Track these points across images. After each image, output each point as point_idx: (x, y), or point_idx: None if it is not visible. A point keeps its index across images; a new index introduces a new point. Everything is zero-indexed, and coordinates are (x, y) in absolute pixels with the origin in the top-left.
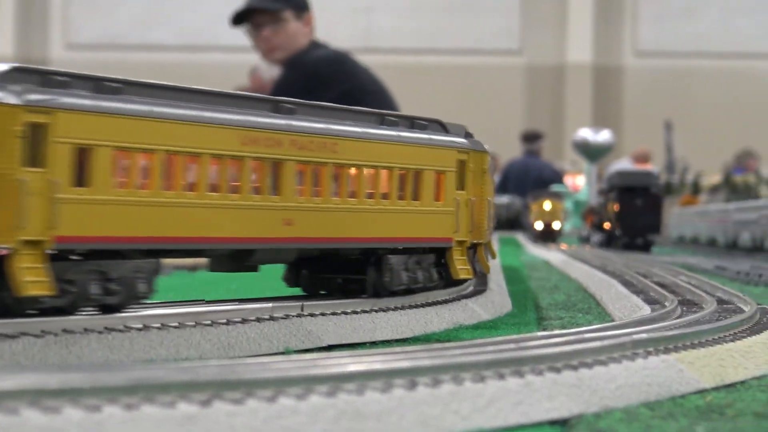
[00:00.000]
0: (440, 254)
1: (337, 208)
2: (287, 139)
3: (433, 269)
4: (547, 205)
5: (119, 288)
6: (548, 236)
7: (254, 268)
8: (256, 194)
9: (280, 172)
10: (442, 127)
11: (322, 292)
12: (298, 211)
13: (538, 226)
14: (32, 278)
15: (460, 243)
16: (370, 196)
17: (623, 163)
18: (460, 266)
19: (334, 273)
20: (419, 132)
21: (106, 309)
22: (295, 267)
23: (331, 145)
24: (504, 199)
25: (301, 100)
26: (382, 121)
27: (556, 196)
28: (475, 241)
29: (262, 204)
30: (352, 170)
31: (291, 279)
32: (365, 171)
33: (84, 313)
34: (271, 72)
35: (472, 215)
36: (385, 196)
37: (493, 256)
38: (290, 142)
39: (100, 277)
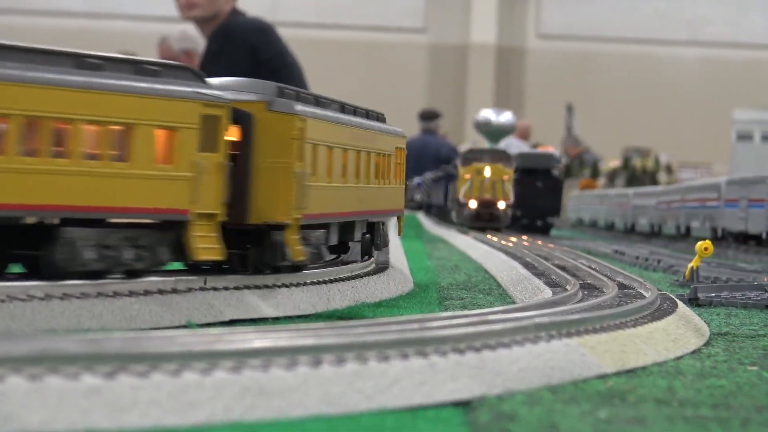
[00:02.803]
0: None
1: (373, 187)
2: (362, 133)
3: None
4: (488, 171)
5: (316, 251)
6: (489, 220)
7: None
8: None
9: (359, 160)
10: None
11: None
12: (364, 190)
13: (473, 204)
14: (297, 246)
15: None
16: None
17: (509, 140)
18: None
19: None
20: (379, 122)
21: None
22: None
23: (372, 137)
24: None
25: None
26: (368, 115)
27: (503, 158)
28: None
29: (356, 186)
30: (379, 157)
31: None
32: (381, 158)
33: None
34: (182, 43)
35: None
36: (381, 176)
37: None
38: (363, 136)
39: (306, 243)
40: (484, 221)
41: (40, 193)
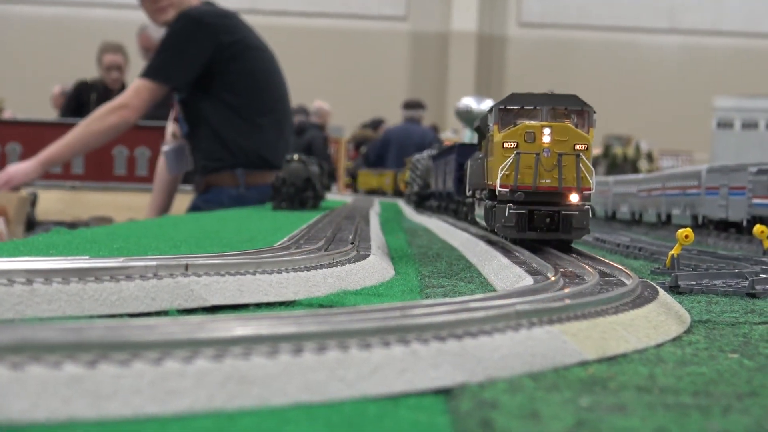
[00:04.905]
0: None
1: None
2: None
3: None
4: (547, 134)
5: None
6: (551, 228)
7: None
8: None
9: None
10: None
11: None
12: None
13: (520, 197)
14: None
15: None
16: None
17: None
18: None
19: None
20: None
21: None
22: None
23: None
24: None
25: None
26: None
27: (573, 111)
28: None
29: None
30: None
31: None
32: None
33: None
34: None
35: None
36: None
37: None
38: None
39: None
40: (543, 229)
41: None
